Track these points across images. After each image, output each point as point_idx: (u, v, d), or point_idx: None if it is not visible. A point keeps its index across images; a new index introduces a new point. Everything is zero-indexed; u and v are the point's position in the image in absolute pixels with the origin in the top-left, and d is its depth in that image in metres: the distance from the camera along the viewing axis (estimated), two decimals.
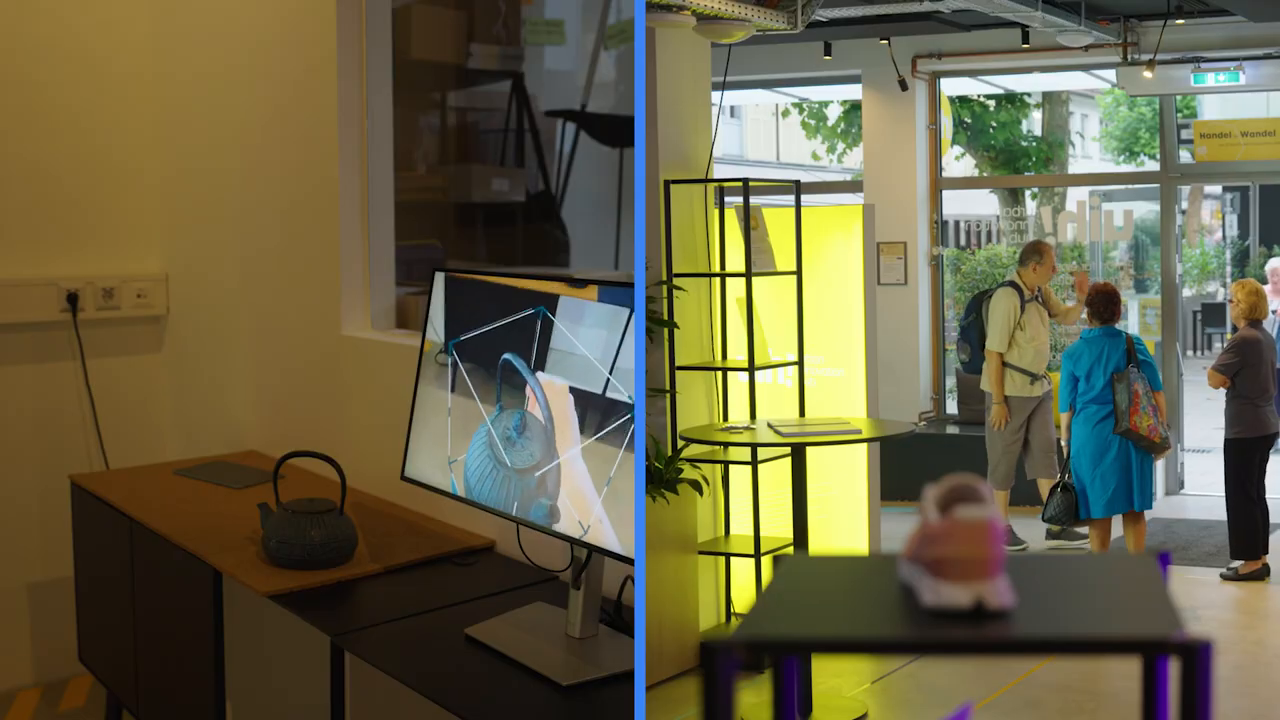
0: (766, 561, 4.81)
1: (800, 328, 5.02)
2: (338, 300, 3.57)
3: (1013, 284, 6.45)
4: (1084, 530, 6.25)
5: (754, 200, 4.84)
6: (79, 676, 4.21)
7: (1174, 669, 1.11)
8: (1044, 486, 6.32)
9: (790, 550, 4.55)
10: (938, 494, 1.29)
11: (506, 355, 2.33)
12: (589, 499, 2.10)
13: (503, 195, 4.90)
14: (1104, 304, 5.65)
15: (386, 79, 3.63)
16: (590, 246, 5.16)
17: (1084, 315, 5.85)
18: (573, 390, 2.16)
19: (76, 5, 4.31)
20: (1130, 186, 11.14)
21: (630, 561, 2.01)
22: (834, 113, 11.73)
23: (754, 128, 14.26)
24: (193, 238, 4.37)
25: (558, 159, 5.05)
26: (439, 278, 2.63)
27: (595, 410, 2.10)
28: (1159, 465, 6.43)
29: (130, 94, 4.41)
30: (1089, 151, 12.82)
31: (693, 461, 4.70)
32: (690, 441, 4.59)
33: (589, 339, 2.13)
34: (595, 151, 5.06)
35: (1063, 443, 5.87)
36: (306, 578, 2.64)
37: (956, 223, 10.31)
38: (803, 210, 5.03)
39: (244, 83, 3.99)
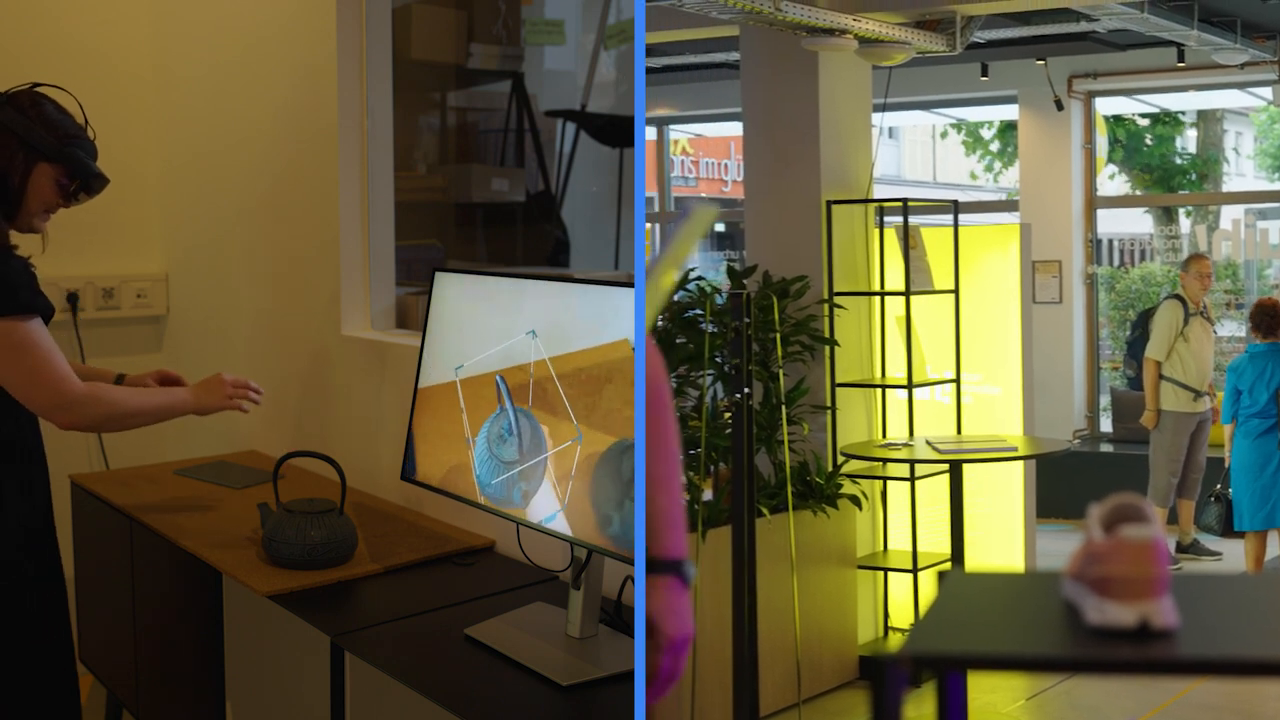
0: (924, 576, 4.96)
1: (958, 345, 5.21)
2: (338, 300, 3.57)
3: (1178, 297, 6.57)
4: (1216, 548, 6.39)
5: (912, 220, 5.06)
6: (79, 677, 4.20)
7: None
8: (1184, 507, 6.47)
9: (947, 566, 4.65)
10: (1103, 513, 1.29)
11: (498, 376, 2.33)
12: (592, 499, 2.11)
13: (503, 195, 4.90)
14: (1267, 319, 5.73)
15: (386, 79, 3.62)
16: (590, 246, 5.17)
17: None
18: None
19: (76, 5, 4.31)
20: None
21: (630, 561, 2.02)
22: (990, 133, 11.83)
23: (911, 148, 14.39)
24: (193, 238, 4.37)
25: (558, 159, 5.05)
26: (439, 278, 2.63)
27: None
28: None
29: (130, 94, 4.41)
30: (1243, 169, 12.78)
31: (852, 477, 4.88)
32: (850, 457, 4.77)
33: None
34: (595, 151, 5.06)
35: (1225, 454, 6.01)
36: (306, 578, 2.64)
37: (1110, 241, 10.38)
38: (960, 229, 5.18)
39: (244, 82, 3.99)
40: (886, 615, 5.16)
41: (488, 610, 2.44)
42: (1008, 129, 11.15)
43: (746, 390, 3.83)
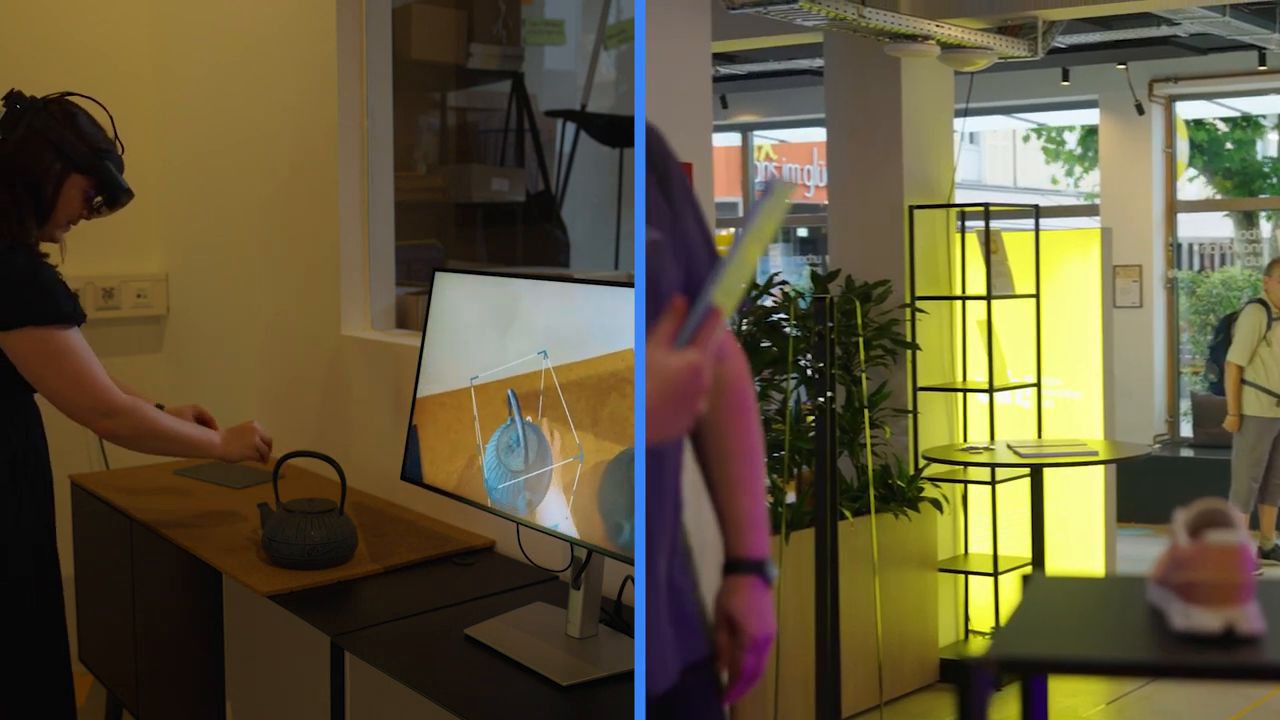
0: (1004, 580, 5.02)
1: (1039, 350, 5.26)
2: (338, 300, 3.57)
3: (1261, 301, 6.58)
4: None
5: (994, 224, 5.11)
6: (79, 676, 4.19)
7: None
8: (1265, 512, 6.51)
9: (1027, 570, 4.68)
10: (1188, 518, 1.29)
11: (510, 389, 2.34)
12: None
13: (503, 195, 4.90)
14: None
15: (386, 79, 3.62)
16: (590, 246, 5.17)
17: None
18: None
19: (76, 5, 4.31)
20: None
21: (630, 561, 2.01)
22: (1072, 138, 11.84)
23: (992, 153, 14.44)
24: (193, 238, 4.37)
25: (558, 159, 5.05)
26: (439, 278, 2.63)
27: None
28: None
29: (130, 94, 4.41)
30: None
31: (933, 480, 4.95)
32: (931, 461, 4.84)
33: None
34: (595, 151, 5.06)
35: None
36: (306, 578, 2.64)
37: (1191, 245, 10.41)
38: (1041, 234, 5.24)
39: (244, 83, 3.99)
40: (967, 618, 5.21)
41: (488, 610, 2.44)
42: (1089, 134, 11.18)
43: (830, 394, 3.87)
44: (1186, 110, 8.94)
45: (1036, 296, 5.19)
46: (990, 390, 5.05)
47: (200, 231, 4.33)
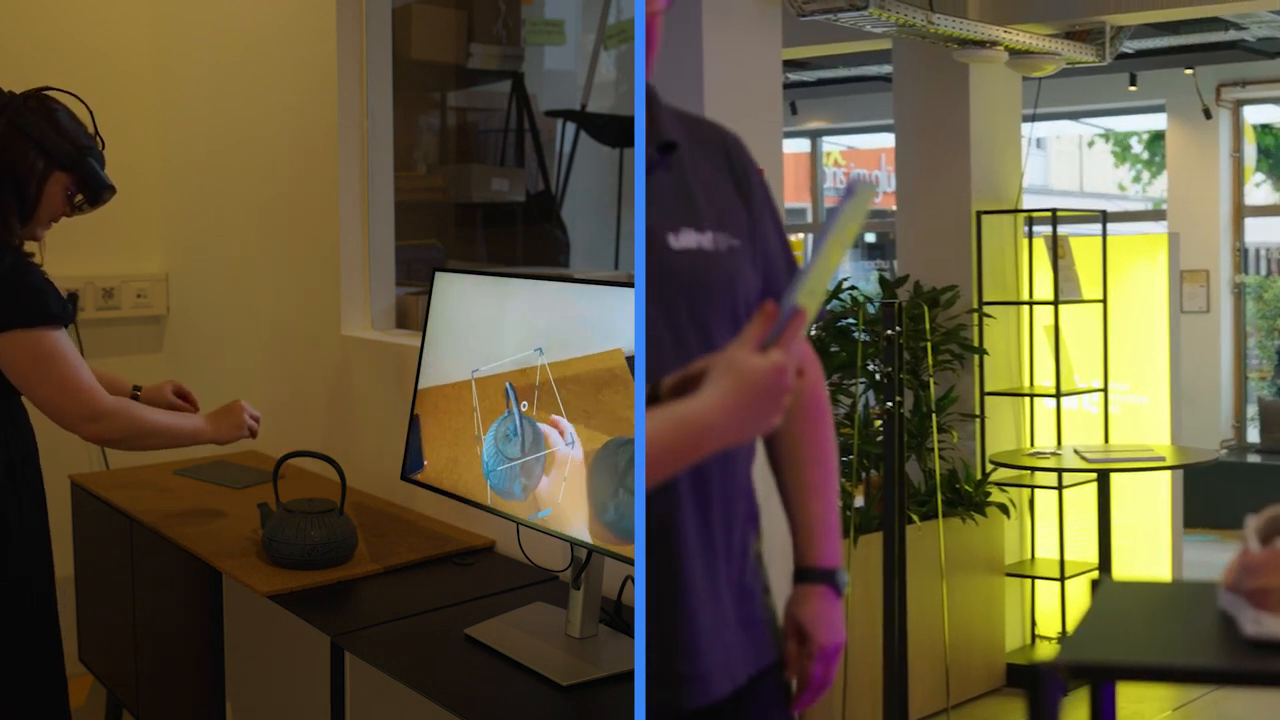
0: (1071, 585, 5.04)
1: (1105, 355, 5.27)
2: (338, 300, 3.57)
3: None
4: None
5: (1061, 229, 5.13)
6: (79, 676, 4.20)
7: None
8: None
9: (1094, 575, 4.69)
10: (1259, 524, 1.28)
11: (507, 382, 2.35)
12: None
13: (503, 195, 4.90)
14: None
15: (386, 79, 3.62)
16: (590, 246, 5.17)
17: None
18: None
19: (76, 5, 4.31)
20: None
21: (630, 561, 2.02)
22: (1138, 143, 11.84)
23: (1058, 158, 14.45)
24: (193, 238, 4.37)
25: (558, 159, 5.05)
26: (439, 278, 2.63)
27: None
28: None
29: (130, 94, 4.41)
30: None
31: (1000, 485, 4.97)
32: (999, 465, 4.83)
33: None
34: (595, 151, 5.06)
35: None
36: (306, 578, 2.64)
37: (1258, 250, 10.42)
38: (1108, 239, 5.25)
39: (244, 82, 3.99)
40: (1033, 623, 5.22)
41: (488, 610, 2.44)
42: (1155, 138, 11.17)
43: (898, 398, 3.90)
44: (1254, 115, 8.90)
45: (1103, 301, 5.21)
46: (1057, 395, 5.07)
47: (200, 231, 4.33)
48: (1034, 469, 4.74)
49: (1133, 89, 8.12)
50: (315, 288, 3.67)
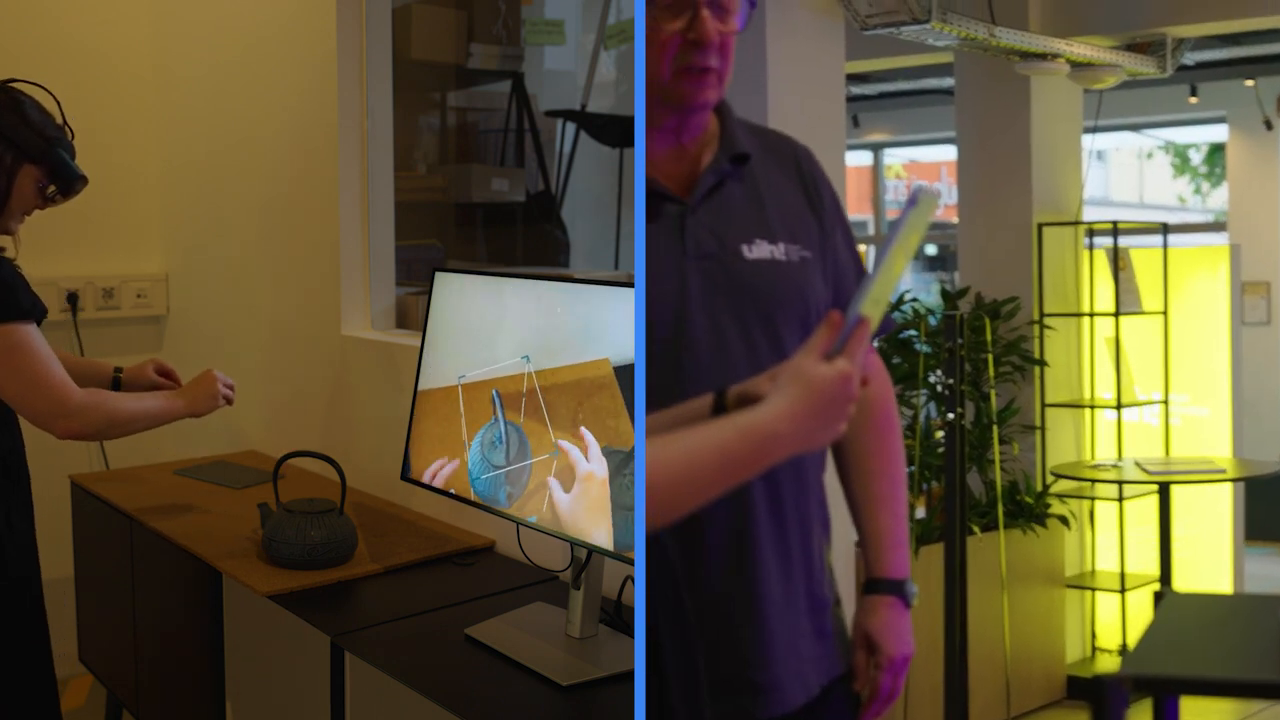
0: (1131, 597, 5.05)
1: (1166, 367, 5.29)
2: (338, 300, 3.57)
3: None
4: None
5: (1121, 241, 5.16)
6: (79, 676, 4.21)
7: None
8: None
9: (1155, 587, 4.71)
10: None
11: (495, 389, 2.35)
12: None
13: (503, 195, 4.91)
14: None
15: (386, 79, 3.63)
16: (590, 246, 5.17)
17: None
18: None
19: (76, 5, 4.31)
20: None
21: (630, 561, 2.02)
22: (1198, 155, 11.82)
23: (1118, 170, 14.47)
24: (193, 238, 4.37)
25: (558, 159, 5.06)
26: (439, 278, 2.63)
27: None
28: None
29: (130, 94, 4.41)
30: None
31: (1061, 496, 4.99)
32: (1060, 477, 4.84)
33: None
34: (595, 151, 5.07)
35: None
36: (306, 578, 2.64)
37: None
38: (1169, 251, 5.27)
39: (244, 82, 3.99)
40: (1094, 635, 5.23)
41: (488, 610, 2.44)
42: (1214, 150, 11.15)
43: (959, 410, 3.92)
44: None
45: (1164, 313, 5.23)
46: (1118, 407, 5.08)
47: (200, 231, 4.33)
48: (1095, 481, 4.77)
49: (1193, 100, 8.11)
50: (315, 288, 3.67)
